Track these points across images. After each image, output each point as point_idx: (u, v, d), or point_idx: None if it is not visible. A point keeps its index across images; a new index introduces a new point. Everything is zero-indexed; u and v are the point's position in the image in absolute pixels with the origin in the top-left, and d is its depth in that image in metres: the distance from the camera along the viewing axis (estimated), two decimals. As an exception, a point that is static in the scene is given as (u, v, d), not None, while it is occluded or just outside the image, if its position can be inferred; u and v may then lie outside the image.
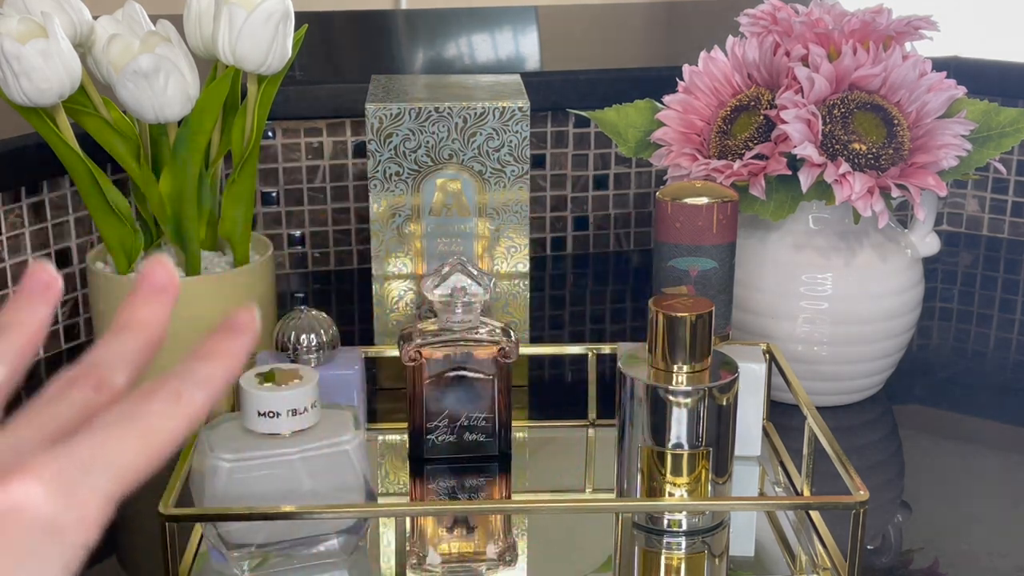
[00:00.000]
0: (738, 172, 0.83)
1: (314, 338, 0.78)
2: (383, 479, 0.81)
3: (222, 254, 0.90)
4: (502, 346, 0.79)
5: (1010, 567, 0.71)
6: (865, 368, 0.89)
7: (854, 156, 0.82)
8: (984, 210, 1.27)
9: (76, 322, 1.01)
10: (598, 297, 1.15)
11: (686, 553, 0.72)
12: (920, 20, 0.85)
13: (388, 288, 0.91)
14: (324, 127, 1.15)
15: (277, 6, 0.79)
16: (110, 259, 0.87)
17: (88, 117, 0.82)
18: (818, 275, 0.86)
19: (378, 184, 0.88)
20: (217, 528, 0.66)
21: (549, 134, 1.19)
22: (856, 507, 0.65)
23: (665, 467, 0.71)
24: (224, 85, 0.80)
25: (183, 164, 0.81)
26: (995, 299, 1.13)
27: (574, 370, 0.98)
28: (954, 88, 0.85)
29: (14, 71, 0.75)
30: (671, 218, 0.79)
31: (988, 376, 0.99)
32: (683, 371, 0.70)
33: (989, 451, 0.87)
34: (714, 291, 0.80)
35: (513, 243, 0.90)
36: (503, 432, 0.81)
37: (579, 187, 1.22)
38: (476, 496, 0.79)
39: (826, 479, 0.76)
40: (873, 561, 0.72)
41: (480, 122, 0.87)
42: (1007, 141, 0.85)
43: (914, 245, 0.90)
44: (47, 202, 0.97)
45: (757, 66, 0.88)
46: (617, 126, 0.92)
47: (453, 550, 0.73)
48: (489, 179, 0.88)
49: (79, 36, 0.82)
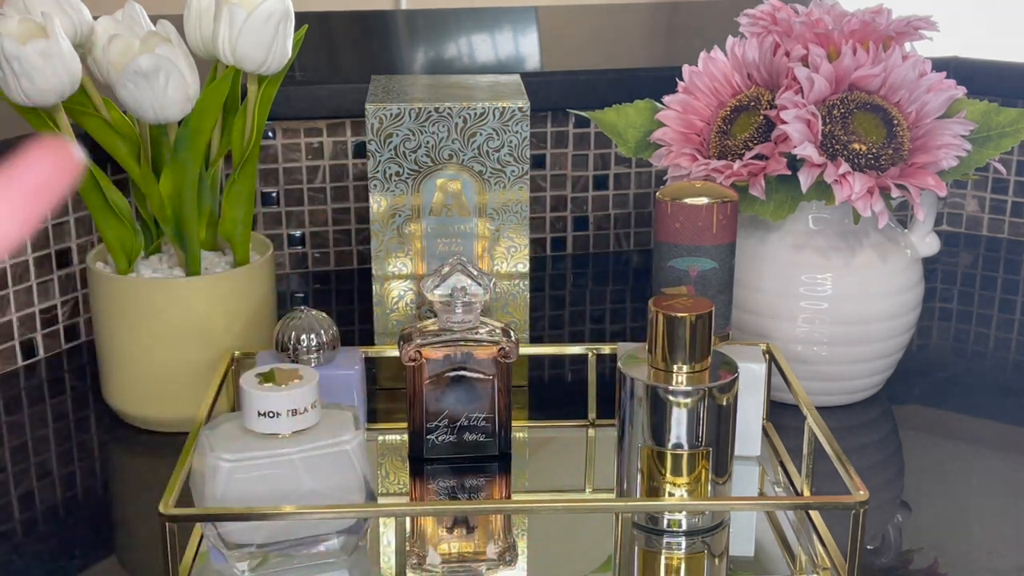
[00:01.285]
0: (738, 172, 0.83)
1: (314, 338, 0.78)
2: (383, 479, 0.81)
3: (222, 254, 0.90)
4: (502, 346, 0.79)
5: (1010, 567, 0.71)
6: (865, 368, 0.89)
7: (854, 156, 0.82)
8: (984, 210, 1.27)
9: (76, 322, 1.01)
10: (598, 297, 1.15)
11: (686, 553, 0.72)
12: (920, 20, 0.85)
13: (388, 288, 0.91)
14: (324, 127, 1.15)
15: (277, 6, 0.79)
16: (110, 259, 0.87)
17: (88, 117, 0.82)
18: (818, 275, 0.86)
19: (378, 184, 0.88)
20: (217, 528, 0.66)
21: (549, 134, 1.19)
22: (856, 507, 0.65)
23: (665, 467, 0.71)
24: (224, 85, 0.80)
25: (183, 164, 0.81)
26: (995, 299, 1.13)
27: (574, 370, 0.98)
28: (954, 88, 0.85)
29: (14, 71, 0.75)
30: (671, 218, 0.79)
31: (988, 376, 0.99)
32: (683, 371, 0.70)
33: (989, 451, 0.87)
34: (714, 291, 0.80)
35: (513, 243, 0.90)
36: (503, 432, 0.81)
37: (579, 187, 1.22)
38: (476, 496, 0.79)
39: (826, 479, 0.76)
40: (873, 561, 0.72)
41: (480, 122, 0.87)
42: (1007, 141, 0.85)
43: (914, 245, 0.90)
44: (47, 202, 0.97)
45: (757, 66, 0.88)
46: (617, 126, 0.92)
47: (453, 550, 0.73)
48: (489, 179, 0.88)
49: (79, 36, 0.82)
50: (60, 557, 0.72)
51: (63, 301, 1.00)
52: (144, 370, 0.85)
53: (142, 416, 0.86)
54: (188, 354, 0.84)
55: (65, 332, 1.00)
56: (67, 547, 0.73)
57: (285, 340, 0.78)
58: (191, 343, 0.84)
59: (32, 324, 0.98)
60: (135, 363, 0.85)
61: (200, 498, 0.66)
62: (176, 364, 0.84)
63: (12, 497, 0.79)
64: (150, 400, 0.85)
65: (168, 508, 0.64)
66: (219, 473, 0.65)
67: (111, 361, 0.86)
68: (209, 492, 0.65)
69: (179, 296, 0.83)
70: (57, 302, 0.99)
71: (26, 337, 0.97)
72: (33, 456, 0.84)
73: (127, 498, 0.80)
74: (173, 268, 0.87)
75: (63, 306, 1.00)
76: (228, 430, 0.67)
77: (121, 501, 0.80)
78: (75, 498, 0.79)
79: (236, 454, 0.65)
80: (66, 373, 0.97)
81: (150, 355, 0.84)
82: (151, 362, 0.84)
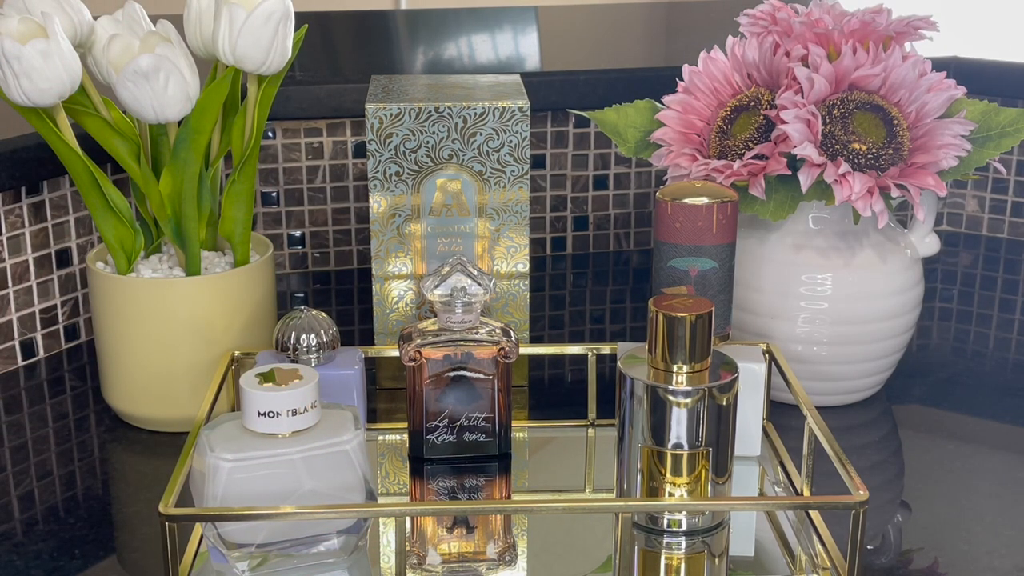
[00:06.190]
0: (738, 172, 0.83)
1: (314, 338, 0.78)
2: (383, 479, 0.81)
3: (222, 254, 0.90)
4: (502, 346, 0.79)
5: (1010, 567, 0.71)
6: (865, 368, 0.89)
7: (854, 156, 0.82)
8: (984, 210, 1.27)
9: (76, 322, 1.01)
10: (598, 297, 1.15)
11: (686, 553, 0.72)
12: (920, 20, 0.85)
13: (388, 288, 0.91)
14: (324, 127, 1.15)
15: (277, 6, 0.79)
16: (110, 259, 0.87)
17: (88, 117, 0.82)
18: (818, 275, 0.86)
19: (378, 184, 0.88)
20: (217, 528, 0.66)
21: (549, 134, 1.19)
22: (856, 507, 0.65)
23: (665, 467, 0.71)
24: (224, 85, 0.80)
25: (183, 164, 0.81)
26: (995, 299, 1.13)
27: (574, 370, 0.98)
28: (954, 88, 0.85)
29: (14, 71, 0.75)
30: (671, 218, 0.79)
31: (988, 376, 0.99)
32: (683, 371, 0.70)
33: (989, 451, 0.87)
34: (714, 291, 0.80)
35: (513, 243, 0.90)
36: (503, 432, 0.81)
37: (579, 187, 1.22)
38: (476, 496, 0.79)
39: (826, 479, 0.76)
40: (873, 561, 0.72)
41: (480, 122, 0.87)
42: (1007, 141, 0.85)
43: (914, 245, 0.90)
44: (47, 202, 0.97)
45: (757, 66, 0.88)
46: (617, 126, 0.92)
47: (453, 550, 0.73)
48: (489, 179, 0.88)
49: (79, 36, 0.82)
50: (60, 557, 0.72)
51: (63, 301, 1.00)
52: (144, 370, 0.85)
53: (142, 416, 0.86)
54: (188, 354, 0.84)
55: (65, 332, 1.00)
56: (67, 547, 0.73)
57: (285, 340, 0.78)
58: (191, 343, 0.84)
59: (32, 324, 0.98)
60: (135, 363, 0.85)
61: (200, 498, 0.66)
62: (176, 364, 0.84)
63: (12, 497, 0.79)
64: (150, 400, 0.85)
65: (168, 508, 0.64)
66: (219, 473, 0.65)
67: (111, 361, 0.86)
68: (209, 492, 0.65)
69: (179, 296, 0.83)
70: (57, 302, 0.99)
71: (26, 337, 0.97)
72: (33, 456, 0.84)
73: (127, 498, 0.80)
74: (173, 268, 0.87)
75: (63, 306, 1.00)
76: (228, 430, 0.67)
77: (121, 501, 0.80)
78: (75, 498, 0.79)
79: (236, 454, 0.65)
80: (66, 373, 0.97)
81: (150, 355, 0.84)
82: (151, 362, 0.84)
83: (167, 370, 0.84)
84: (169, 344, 0.84)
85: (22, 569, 0.71)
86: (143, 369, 0.85)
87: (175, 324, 0.83)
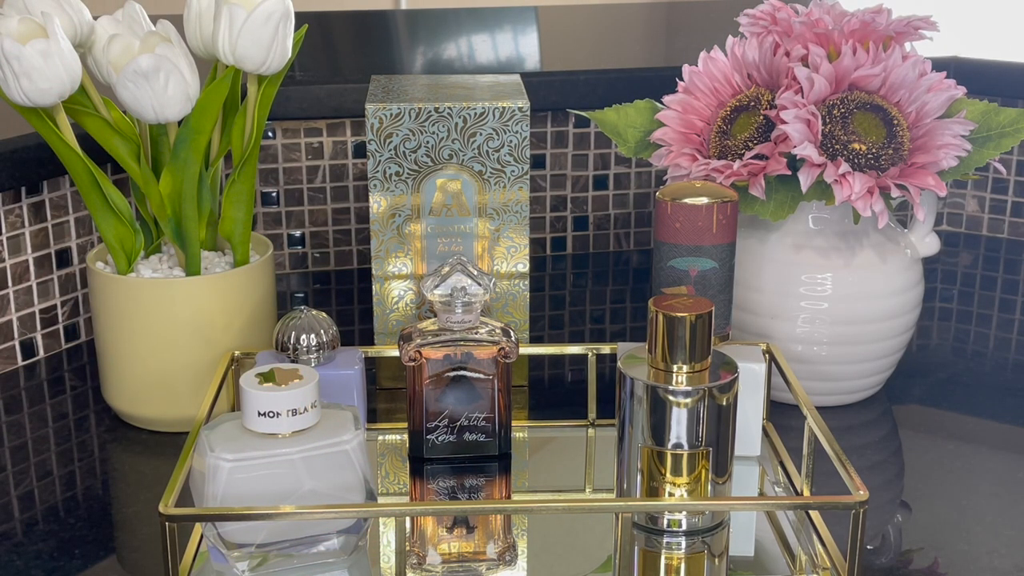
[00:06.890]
0: (738, 172, 0.83)
1: (314, 338, 0.78)
2: (383, 479, 0.81)
3: (222, 254, 0.90)
4: (502, 346, 0.79)
5: (1010, 567, 0.71)
6: (865, 368, 0.89)
7: (854, 156, 0.82)
8: (984, 210, 1.27)
9: (76, 322, 1.01)
10: (598, 297, 1.15)
11: (686, 553, 0.72)
12: (920, 20, 0.85)
13: (388, 288, 0.91)
14: (324, 127, 1.15)
15: (277, 6, 0.79)
16: (110, 259, 0.87)
17: (88, 117, 0.82)
18: (818, 275, 0.86)
19: (378, 184, 0.88)
20: (217, 528, 0.66)
21: (549, 134, 1.19)
22: (856, 507, 0.65)
23: (665, 467, 0.71)
24: (224, 85, 0.80)
25: (183, 164, 0.81)
26: (995, 299, 1.13)
27: (574, 370, 0.98)
28: (954, 88, 0.85)
29: (14, 71, 0.75)
30: (671, 218, 0.79)
31: (988, 376, 0.99)
32: (683, 371, 0.70)
33: (989, 451, 0.87)
34: (714, 291, 0.80)
35: (513, 243, 0.90)
36: (503, 432, 0.81)
37: (579, 187, 1.22)
38: (476, 496, 0.79)
39: (826, 479, 0.76)
40: (873, 561, 0.72)
41: (480, 122, 0.87)
42: (1007, 141, 0.85)
43: (914, 245, 0.90)
44: (47, 202, 0.97)
45: (757, 66, 0.88)
46: (617, 126, 0.92)
47: (453, 550, 0.73)
48: (489, 179, 0.88)
49: (79, 36, 0.82)
50: (60, 557, 0.72)
51: (63, 301, 1.00)
52: (144, 370, 0.85)
53: (142, 416, 0.86)
54: (188, 354, 0.84)
55: (65, 332, 1.00)
56: (67, 547, 0.73)
57: (285, 340, 0.78)
58: (191, 343, 0.84)
59: (32, 324, 0.98)
60: (135, 363, 0.85)
61: (200, 498, 0.66)
62: (176, 364, 0.84)
63: (12, 497, 0.79)
64: (150, 400, 0.85)
65: (168, 508, 0.64)
66: (219, 473, 0.65)
67: (111, 361, 0.86)
68: (209, 492, 0.65)
69: (179, 296, 0.83)
70: (57, 302, 0.99)
71: (26, 337, 0.97)
72: (33, 456, 0.84)
73: (127, 498, 0.80)
74: (173, 268, 0.87)
75: (63, 306, 1.00)
76: (228, 430, 0.67)
77: (121, 501, 0.80)
78: (75, 498, 0.79)
79: (236, 454, 0.65)
80: (66, 373, 0.97)
81: (150, 355, 0.84)
82: (151, 362, 0.84)
83: (167, 370, 0.84)
84: (169, 344, 0.84)
85: (22, 569, 0.71)
86: (143, 369, 0.85)
87: (175, 324, 0.83)
